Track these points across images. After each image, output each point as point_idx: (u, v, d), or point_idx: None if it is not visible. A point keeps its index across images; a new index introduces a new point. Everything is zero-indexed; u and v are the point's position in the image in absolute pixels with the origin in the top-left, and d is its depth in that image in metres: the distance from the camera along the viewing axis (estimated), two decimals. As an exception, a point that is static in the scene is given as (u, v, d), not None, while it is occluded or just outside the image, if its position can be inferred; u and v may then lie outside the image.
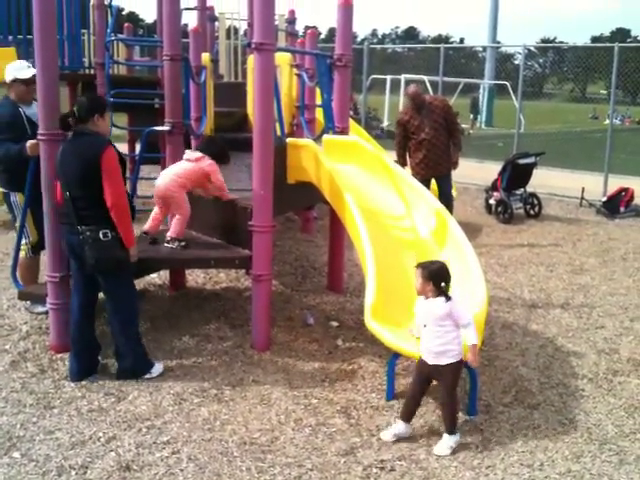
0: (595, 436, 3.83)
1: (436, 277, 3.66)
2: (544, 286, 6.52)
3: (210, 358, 4.65)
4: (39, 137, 4.43)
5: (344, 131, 5.83)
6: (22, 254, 5.22)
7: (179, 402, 4.04)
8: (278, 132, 5.53)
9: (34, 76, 5.17)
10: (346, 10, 5.56)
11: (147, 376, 4.31)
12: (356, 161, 5.37)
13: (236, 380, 4.34)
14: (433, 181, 8.10)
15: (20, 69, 5.08)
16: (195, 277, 6.18)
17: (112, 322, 4.32)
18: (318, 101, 6.98)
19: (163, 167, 5.65)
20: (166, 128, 5.31)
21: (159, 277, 6.12)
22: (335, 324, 5.34)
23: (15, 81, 5.09)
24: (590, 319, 5.67)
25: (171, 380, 4.31)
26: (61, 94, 4.90)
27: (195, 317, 5.21)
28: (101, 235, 4.06)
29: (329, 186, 4.86)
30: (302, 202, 6.42)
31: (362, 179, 5.24)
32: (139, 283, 5.77)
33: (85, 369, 4.34)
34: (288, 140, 5.30)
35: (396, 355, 4.10)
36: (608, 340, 5.21)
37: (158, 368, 4.39)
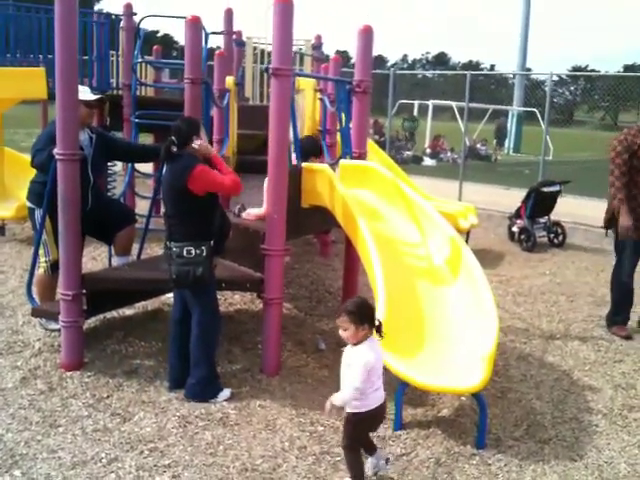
0: (606, 474, 3.73)
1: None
2: (563, 317, 6.41)
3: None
4: (57, 156, 4.49)
5: (361, 156, 5.83)
6: (41, 271, 5.26)
7: (184, 425, 4.02)
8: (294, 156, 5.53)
9: (96, 100, 5.28)
10: (366, 36, 5.58)
11: (212, 400, 4.31)
12: (372, 186, 5.35)
13: (242, 404, 4.30)
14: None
15: (84, 92, 5.10)
16: (210, 298, 6.17)
17: (192, 333, 4.34)
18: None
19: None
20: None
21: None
22: (347, 350, 5.29)
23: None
24: (609, 352, 5.55)
25: (177, 402, 4.29)
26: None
27: (207, 339, 5.19)
28: (185, 252, 4.20)
29: (342, 211, 4.84)
30: (317, 226, 6.40)
31: (377, 205, 5.22)
32: (153, 303, 5.81)
33: (177, 380, 4.44)
34: (303, 164, 5.31)
35: (404, 384, 4.03)
36: (626, 375, 5.09)
37: (225, 394, 4.38)
